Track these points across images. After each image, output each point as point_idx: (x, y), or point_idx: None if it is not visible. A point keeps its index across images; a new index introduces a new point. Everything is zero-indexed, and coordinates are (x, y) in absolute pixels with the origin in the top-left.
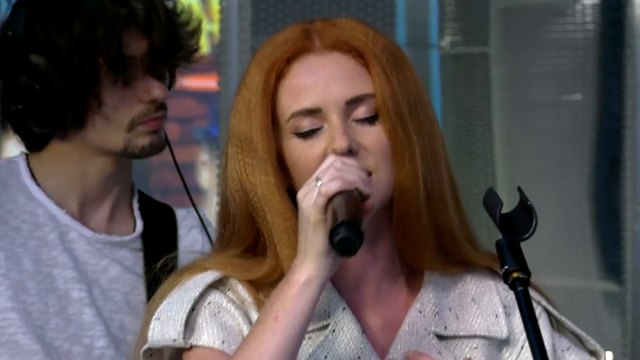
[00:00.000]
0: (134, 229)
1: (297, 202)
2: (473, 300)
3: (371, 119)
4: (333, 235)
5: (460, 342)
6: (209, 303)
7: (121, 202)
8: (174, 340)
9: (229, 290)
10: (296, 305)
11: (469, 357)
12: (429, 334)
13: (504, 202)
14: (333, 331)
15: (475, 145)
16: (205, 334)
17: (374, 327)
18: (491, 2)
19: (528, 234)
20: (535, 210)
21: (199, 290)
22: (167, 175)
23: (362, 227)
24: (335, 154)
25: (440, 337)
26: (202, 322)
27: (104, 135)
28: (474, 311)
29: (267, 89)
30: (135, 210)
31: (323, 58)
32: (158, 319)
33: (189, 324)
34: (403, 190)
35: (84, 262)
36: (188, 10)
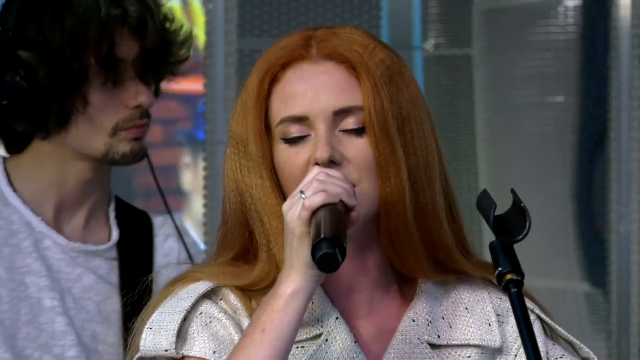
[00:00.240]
0: (109, 238)
1: (283, 215)
2: (466, 309)
3: (358, 131)
4: (315, 251)
5: (454, 352)
6: (201, 313)
7: (98, 209)
8: (166, 350)
9: (221, 300)
10: (284, 318)
11: None
12: (422, 343)
13: None
14: (326, 340)
15: (459, 148)
16: (197, 344)
17: (367, 336)
18: (474, 5)
19: (522, 236)
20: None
21: (192, 301)
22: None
23: (344, 243)
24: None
25: (434, 347)
26: (194, 333)
27: (87, 138)
28: (467, 320)
29: (262, 92)
30: (112, 219)
31: (317, 67)
32: (150, 328)
33: (181, 334)
34: (389, 205)
35: (58, 270)
36: (179, 19)
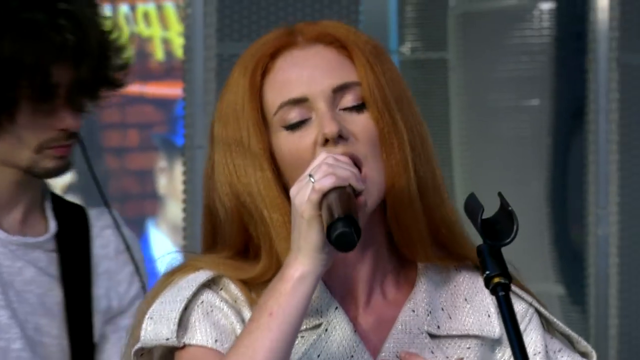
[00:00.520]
0: (47, 230)
1: (290, 198)
2: (465, 300)
3: (358, 107)
4: (330, 231)
5: (453, 342)
6: (202, 302)
7: (34, 204)
8: (167, 339)
9: (222, 289)
10: (291, 301)
11: (462, 358)
12: (422, 333)
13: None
14: (326, 330)
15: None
16: (198, 333)
17: (366, 326)
18: (449, 8)
19: (509, 239)
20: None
21: (192, 290)
22: (126, 182)
23: (359, 222)
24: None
25: (433, 337)
26: (195, 321)
27: (12, 151)
28: (466, 311)
29: (254, 86)
30: (48, 212)
31: (306, 51)
32: (151, 318)
33: (182, 323)
34: (394, 177)
35: None
36: (119, 34)
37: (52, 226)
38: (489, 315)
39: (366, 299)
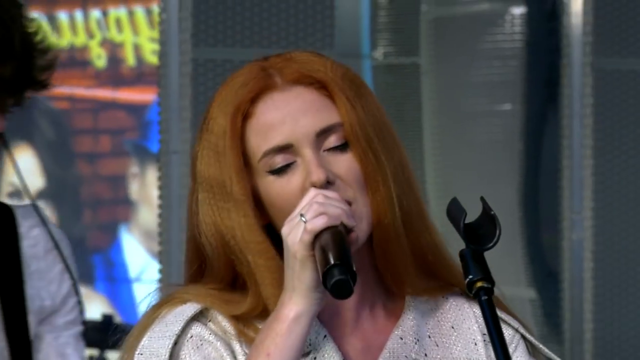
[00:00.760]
0: None
1: (282, 239)
2: (452, 327)
3: (342, 147)
4: (327, 278)
5: None
6: (191, 336)
7: None
8: None
9: (210, 321)
10: (287, 342)
11: None
12: None
13: (436, 212)
14: (314, 359)
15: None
16: None
17: (354, 353)
18: (421, 13)
19: (492, 243)
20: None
21: (181, 325)
22: (99, 188)
23: (354, 267)
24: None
25: None
26: (186, 356)
27: None
28: (453, 339)
29: (235, 131)
30: None
31: (287, 94)
32: (141, 354)
33: (172, 359)
34: (380, 215)
35: None
36: (46, 40)
37: None
38: (475, 344)
39: (354, 326)
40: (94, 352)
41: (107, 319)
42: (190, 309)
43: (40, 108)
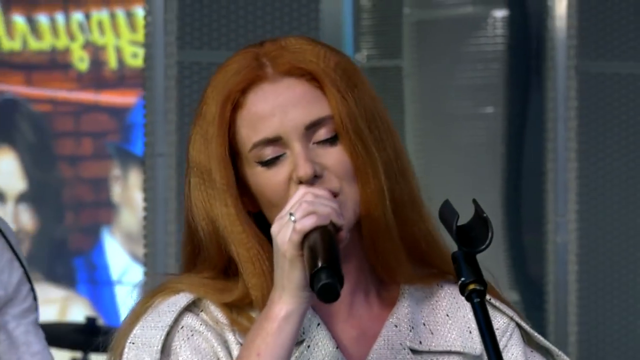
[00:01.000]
0: None
1: (272, 237)
2: (447, 315)
3: (332, 140)
4: (314, 281)
5: (435, 358)
6: (183, 327)
7: None
8: None
9: (202, 311)
10: (277, 341)
11: None
12: (404, 349)
13: None
14: (308, 347)
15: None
16: (180, 359)
17: (348, 340)
18: (404, 16)
19: (484, 246)
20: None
21: (174, 315)
22: (80, 191)
23: (341, 270)
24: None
25: (415, 352)
26: (177, 347)
27: None
28: (448, 327)
29: (223, 120)
30: None
31: (277, 85)
32: (133, 343)
33: (164, 350)
34: (369, 207)
35: None
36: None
37: None
38: (470, 332)
39: (347, 313)
40: (77, 354)
41: (90, 322)
42: (183, 299)
43: (22, 111)
